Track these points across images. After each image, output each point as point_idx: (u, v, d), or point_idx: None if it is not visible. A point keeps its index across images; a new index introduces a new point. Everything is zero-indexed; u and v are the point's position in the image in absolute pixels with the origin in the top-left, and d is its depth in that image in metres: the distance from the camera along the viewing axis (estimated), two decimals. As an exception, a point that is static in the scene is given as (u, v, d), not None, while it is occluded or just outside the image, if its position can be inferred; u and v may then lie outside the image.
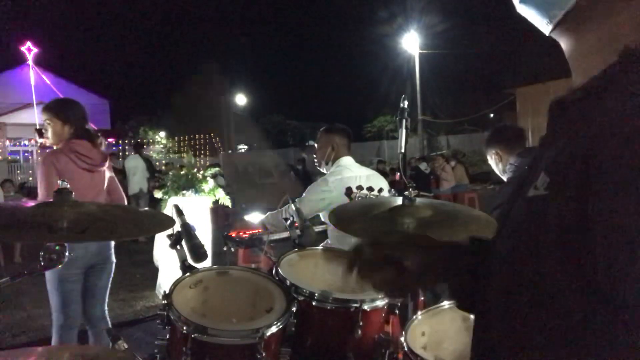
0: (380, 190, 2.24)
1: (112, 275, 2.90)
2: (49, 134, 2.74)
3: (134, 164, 8.97)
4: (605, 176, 0.46)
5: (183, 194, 4.76)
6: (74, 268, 2.65)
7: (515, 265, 0.59)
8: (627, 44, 0.52)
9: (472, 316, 0.74)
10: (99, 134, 2.92)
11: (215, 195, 4.89)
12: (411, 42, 21.84)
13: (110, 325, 2.91)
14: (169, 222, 1.46)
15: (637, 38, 0.52)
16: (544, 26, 0.64)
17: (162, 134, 30.02)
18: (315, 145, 2.97)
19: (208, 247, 4.45)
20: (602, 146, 0.47)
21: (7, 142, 23.40)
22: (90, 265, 2.73)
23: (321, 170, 2.95)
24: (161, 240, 4.66)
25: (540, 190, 0.54)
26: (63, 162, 2.64)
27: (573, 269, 0.48)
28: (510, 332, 0.58)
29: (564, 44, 0.64)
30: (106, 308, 2.91)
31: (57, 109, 2.76)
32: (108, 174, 2.90)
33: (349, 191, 2.17)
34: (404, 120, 2.13)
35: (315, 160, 2.97)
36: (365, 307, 1.43)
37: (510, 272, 0.60)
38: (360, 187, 2.15)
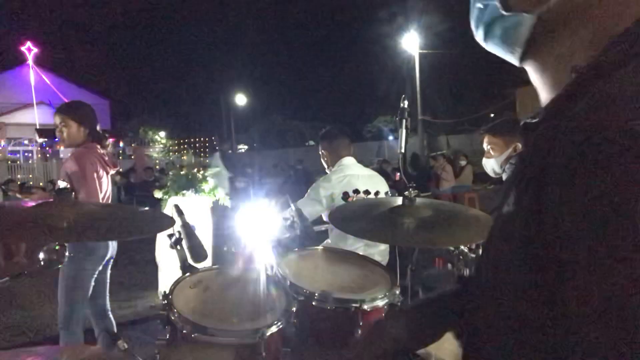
0: (377, 193, 2.25)
1: None
2: (65, 135, 2.76)
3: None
4: (556, 182, 0.48)
5: (183, 194, 4.76)
6: (99, 264, 2.73)
7: (491, 279, 0.62)
8: (574, 64, 0.57)
9: None
10: (107, 135, 2.98)
11: (215, 195, 4.89)
12: (411, 42, 21.81)
13: (112, 317, 2.97)
14: (169, 222, 1.47)
15: (583, 59, 0.57)
16: (513, 59, 0.68)
17: (162, 134, 30.06)
18: (321, 151, 3.01)
19: (208, 247, 4.46)
20: (553, 159, 0.50)
21: (7, 142, 23.40)
22: (107, 259, 2.81)
23: (328, 172, 2.99)
24: (162, 240, 4.66)
25: (510, 206, 0.58)
26: (95, 163, 2.72)
27: (536, 282, 0.50)
28: (496, 352, 0.60)
29: (531, 74, 0.69)
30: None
31: (71, 110, 2.79)
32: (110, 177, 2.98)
33: (345, 195, 2.18)
34: (404, 120, 2.13)
35: (325, 165, 3.01)
36: (365, 307, 1.43)
37: (489, 284, 0.62)
38: (357, 191, 2.17)
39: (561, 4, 0.59)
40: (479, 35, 0.70)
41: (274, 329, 1.28)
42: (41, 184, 16.40)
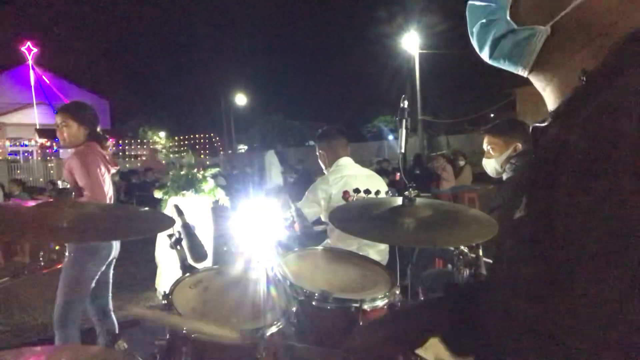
0: (378, 192, 2.24)
1: None
2: (65, 135, 2.78)
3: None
4: (566, 184, 0.49)
5: (183, 194, 4.76)
6: (102, 265, 2.74)
7: (503, 281, 0.63)
8: (583, 69, 0.57)
9: None
10: (107, 136, 3.00)
11: (215, 195, 4.89)
12: (411, 42, 21.79)
13: (114, 317, 2.99)
14: (169, 222, 1.46)
15: (593, 65, 0.57)
16: (520, 72, 0.69)
17: (162, 134, 30.06)
18: (319, 151, 3.00)
19: (208, 247, 4.45)
20: (563, 162, 0.50)
21: (7, 142, 23.38)
22: (110, 259, 2.82)
23: (326, 173, 2.97)
24: (162, 240, 4.66)
25: (521, 212, 0.58)
26: (98, 162, 2.73)
27: (545, 283, 0.51)
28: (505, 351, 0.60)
29: (537, 82, 0.69)
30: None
31: (73, 110, 2.82)
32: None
33: (345, 195, 2.18)
34: (404, 120, 2.13)
35: (322, 165, 3.00)
36: (365, 307, 1.43)
37: (500, 286, 0.63)
38: (357, 190, 2.16)
39: (577, 12, 0.59)
40: (484, 51, 0.70)
41: (274, 329, 1.28)
42: (41, 179, 16.40)
